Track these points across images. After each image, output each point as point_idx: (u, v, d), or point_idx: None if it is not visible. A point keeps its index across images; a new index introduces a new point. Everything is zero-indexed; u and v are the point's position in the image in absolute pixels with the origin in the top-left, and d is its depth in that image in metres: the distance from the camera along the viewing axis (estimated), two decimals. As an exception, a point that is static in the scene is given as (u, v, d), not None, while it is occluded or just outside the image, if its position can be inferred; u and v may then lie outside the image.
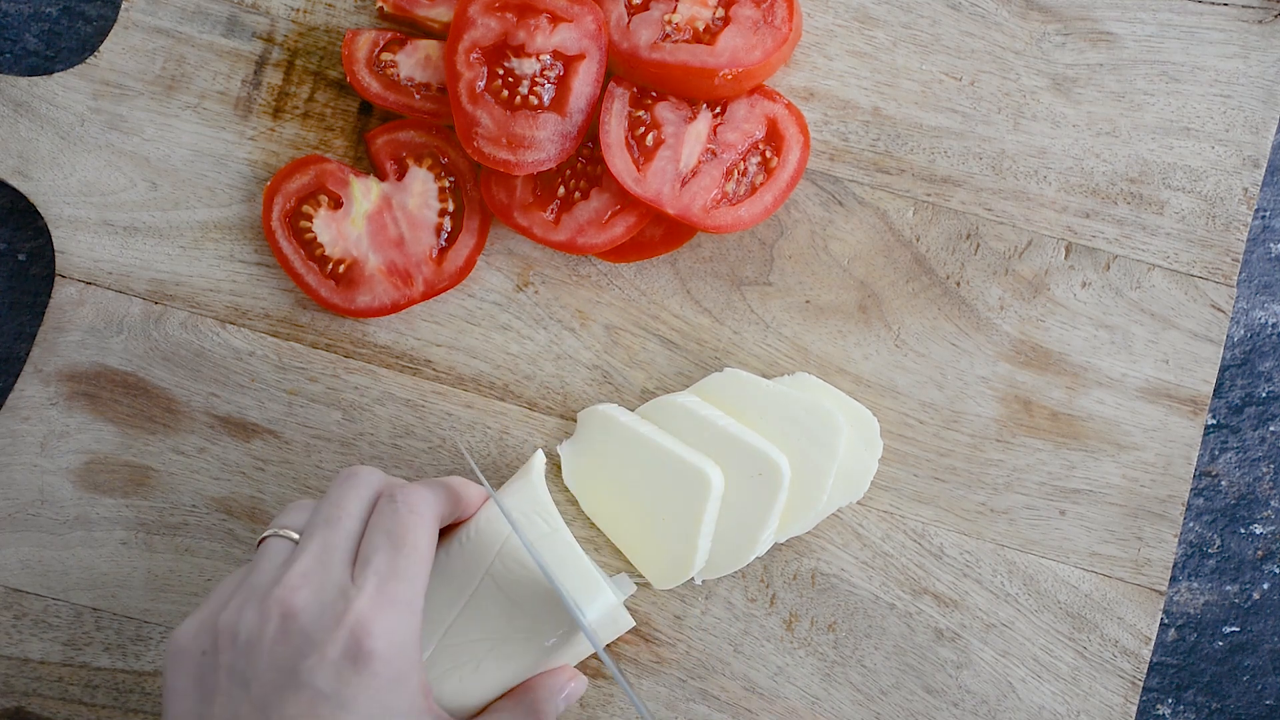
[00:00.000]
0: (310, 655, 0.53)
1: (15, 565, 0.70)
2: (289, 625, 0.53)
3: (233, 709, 0.53)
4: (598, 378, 0.71)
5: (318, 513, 0.58)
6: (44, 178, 0.72)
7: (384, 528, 0.57)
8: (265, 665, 0.53)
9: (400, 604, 0.55)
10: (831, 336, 0.71)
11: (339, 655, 0.53)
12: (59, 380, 0.71)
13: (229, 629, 0.54)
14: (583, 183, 0.71)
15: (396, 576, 0.55)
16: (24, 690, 0.69)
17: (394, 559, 0.55)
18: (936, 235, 0.72)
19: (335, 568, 0.55)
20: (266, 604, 0.54)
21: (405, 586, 0.55)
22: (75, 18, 0.78)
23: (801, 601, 0.70)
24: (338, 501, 0.58)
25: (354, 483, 0.59)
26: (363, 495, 0.59)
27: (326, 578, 0.55)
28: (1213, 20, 0.72)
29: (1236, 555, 0.74)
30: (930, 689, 0.69)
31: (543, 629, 0.61)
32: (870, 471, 0.69)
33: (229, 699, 0.53)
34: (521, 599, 0.61)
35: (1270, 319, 0.75)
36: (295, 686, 0.52)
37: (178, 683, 0.55)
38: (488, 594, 0.62)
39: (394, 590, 0.55)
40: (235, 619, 0.55)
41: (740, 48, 0.68)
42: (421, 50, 0.72)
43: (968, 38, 0.73)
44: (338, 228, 0.71)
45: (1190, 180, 0.72)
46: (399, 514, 0.57)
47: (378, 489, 0.59)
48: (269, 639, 0.53)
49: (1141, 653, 0.69)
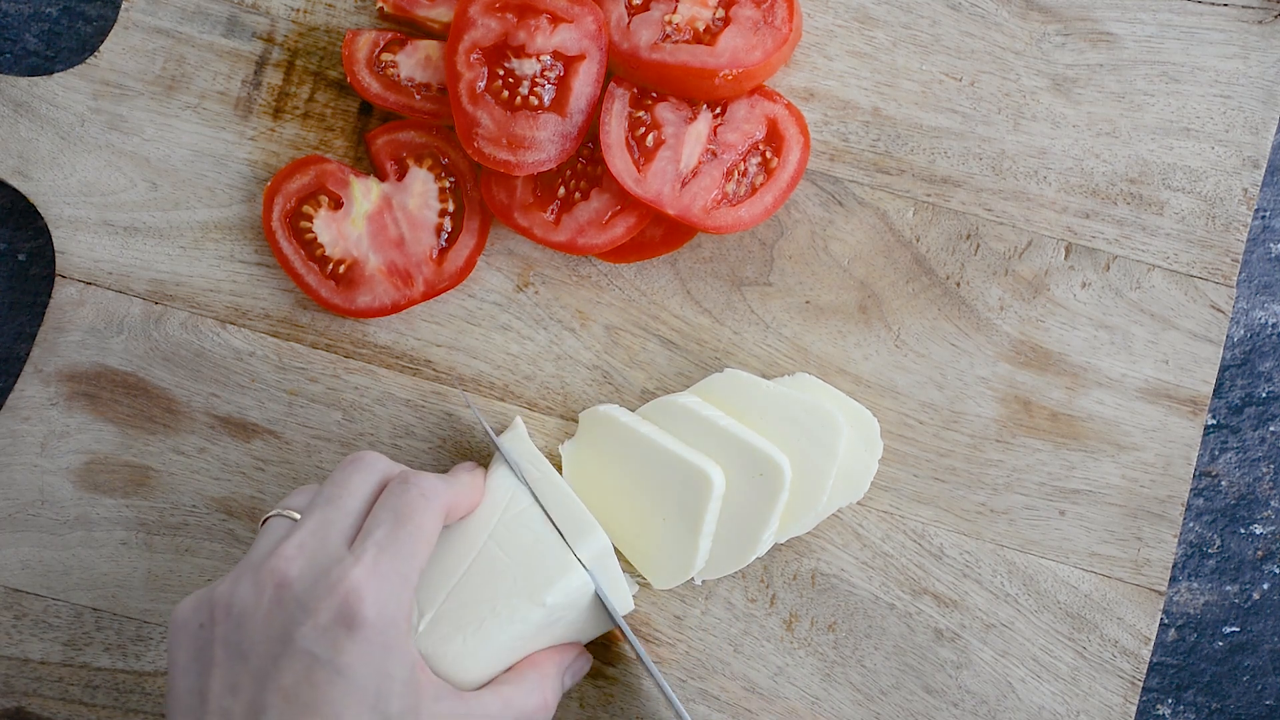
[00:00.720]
0: (304, 622, 0.53)
1: (15, 565, 0.70)
2: (282, 594, 0.54)
3: (231, 680, 0.54)
4: (598, 378, 0.71)
5: (320, 493, 0.58)
6: (44, 178, 0.72)
7: (391, 505, 0.57)
8: (260, 635, 0.53)
9: (394, 577, 0.55)
10: (831, 337, 0.71)
11: (331, 620, 0.53)
12: (59, 380, 0.71)
13: (224, 602, 0.55)
14: (583, 183, 0.71)
15: (395, 551, 0.55)
16: (24, 690, 0.69)
17: (395, 533, 0.56)
18: (936, 235, 0.72)
19: (332, 541, 0.56)
20: (260, 575, 0.55)
21: (402, 563, 0.55)
22: (75, 18, 0.78)
23: (801, 602, 0.70)
24: (341, 482, 0.59)
25: (359, 466, 0.60)
26: (367, 479, 0.59)
27: (322, 549, 0.55)
28: (1213, 20, 0.72)
29: (1236, 555, 0.74)
30: (930, 689, 0.69)
31: (542, 584, 0.62)
32: (870, 472, 0.69)
33: (226, 671, 0.54)
34: (523, 558, 0.62)
35: (1270, 319, 0.75)
36: (290, 654, 0.53)
37: (179, 657, 0.56)
38: (490, 556, 0.63)
39: (390, 563, 0.55)
40: (230, 591, 0.55)
41: (740, 48, 0.68)
42: (421, 50, 0.72)
43: (968, 38, 0.73)
44: (338, 228, 0.71)
45: (1190, 180, 0.72)
46: (409, 494, 0.58)
47: (384, 475, 0.60)
48: (263, 609, 0.54)
49: (1141, 653, 0.69)
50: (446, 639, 0.61)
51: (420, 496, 0.58)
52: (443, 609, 0.61)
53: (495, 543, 0.63)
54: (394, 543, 0.56)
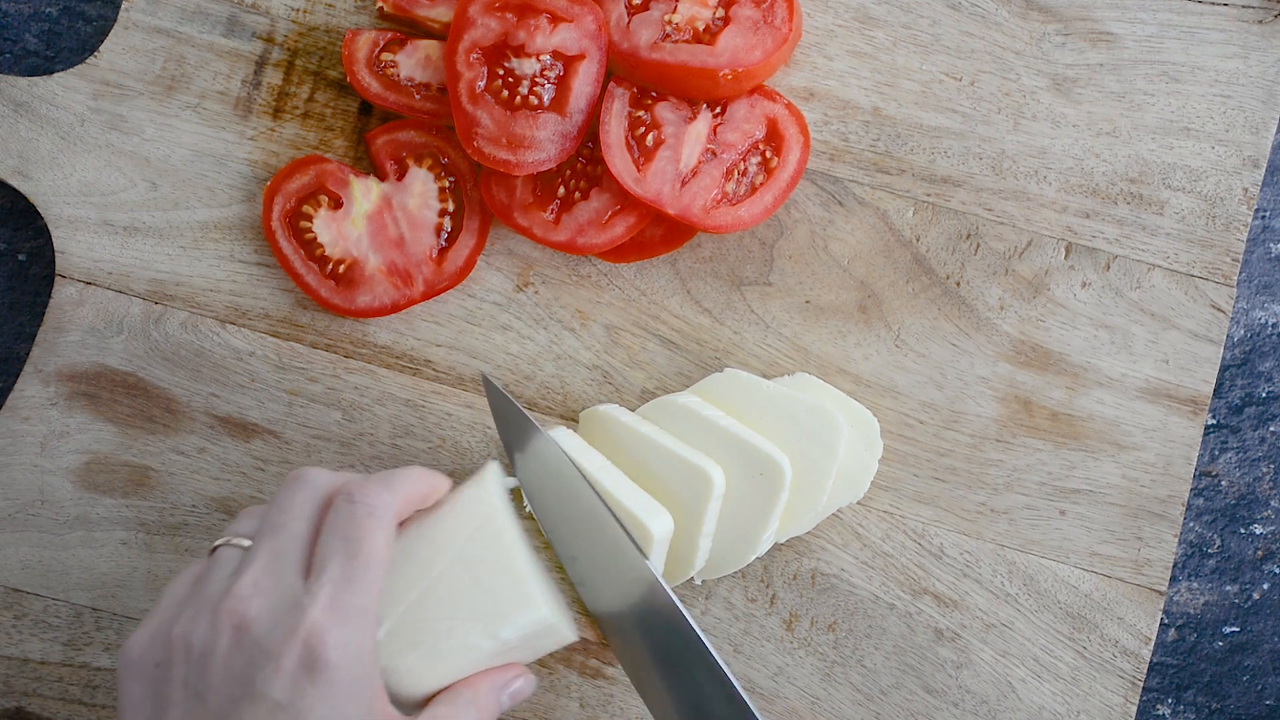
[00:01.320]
0: (265, 666, 0.52)
1: (15, 565, 0.70)
2: (242, 637, 0.53)
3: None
4: (598, 378, 0.71)
5: (266, 519, 0.57)
6: (44, 178, 0.72)
7: (340, 532, 0.55)
8: (220, 678, 0.53)
9: (355, 613, 0.54)
10: (831, 336, 0.71)
11: (294, 666, 0.52)
12: (59, 380, 0.71)
13: (182, 641, 0.54)
14: (583, 183, 0.71)
15: (352, 585, 0.54)
16: (24, 690, 0.69)
17: (349, 566, 0.54)
18: (936, 235, 0.72)
19: (286, 575, 0.55)
20: (218, 615, 0.54)
21: (360, 595, 0.54)
22: (75, 18, 0.78)
23: (801, 601, 0.70)
24: (285, 507, 0.57)
25: (299, 485, 0.58)
26: (310, 498, 0.57)
27: (278, 587, 0.54)
28: (1213, 20, 0.72)
29: (1236, 555, 0.74)
30: (930, 689, 0.69)
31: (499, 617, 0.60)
32: (870, 471, 0.69)
33: (185, 712, 0.53)
34: (486, 583, 0.61)
35: (1270, 319, 0.75)
36: (251, 698, 0.52)
37: (132, 695, 0.55)
38: (453, 575, 0.61)
39: (349, 599, 0.54)
40: (188, 631, 0.54)
41: (740, 48, 0.68)
42: (421, 50, 0.72)
43: (968, 38, 0.73)
44: (338, 228, 0.71)
45: (1190, 180, 0.72)
46: (355, 516, 0.56)
47: (327, 490, 0.58)
48: (222, 651, 0.53)
49: (1141, 653, 0.69)
50: (401, 653, 0.60)
51: (367, 516, 0.56)
52: (402, 620, 0.60)
53: (461, 562, 0.61)
54: (349, 578, 0.54)
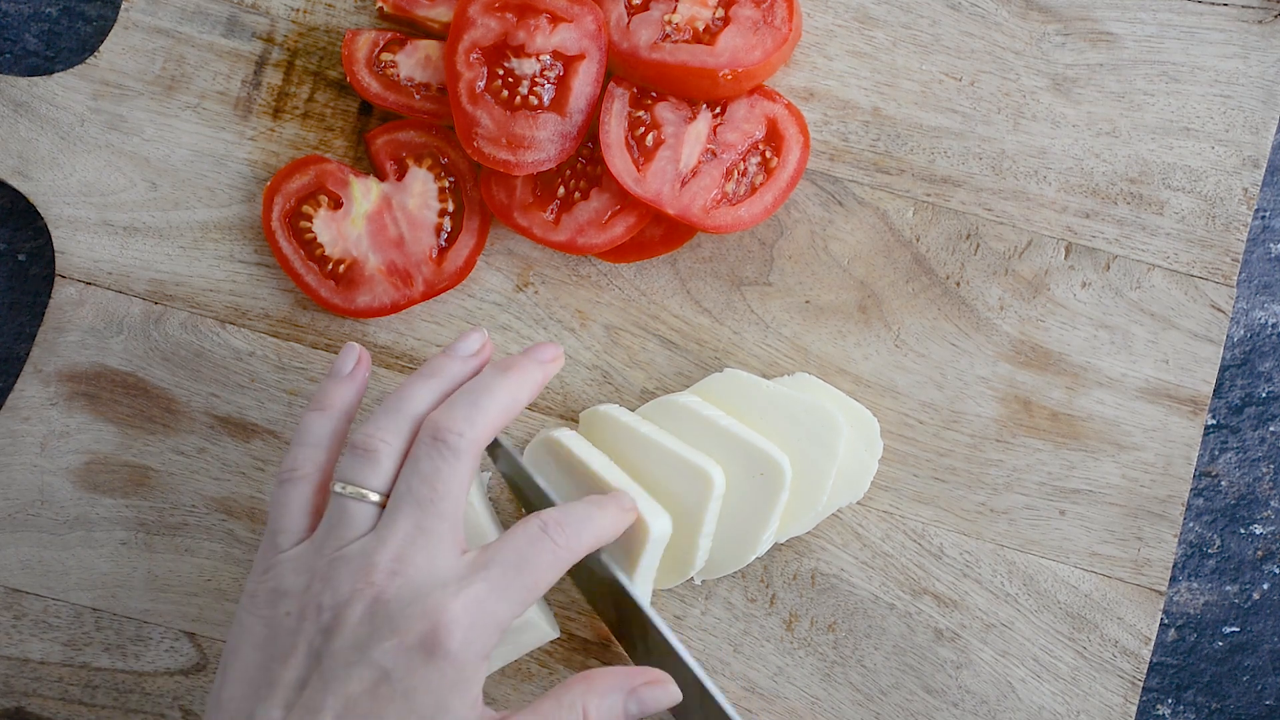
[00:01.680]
0: (388, 638, 0.53)
1: (15, 565, 0.70)
2: (375, 610, 0.53)
3: (301, 676, 0.53)
4: (598, 378, 0.71)
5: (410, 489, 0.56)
6: (44, 178, 0.72)
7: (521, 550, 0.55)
8: (341, 644, 0.53)
9: (491, 622, 0.54)
10: (831, 336, 0.71)
11: (415, 642, 0.52)
12: (59, 380, 0.71)
13: (316, 605, 0.54)
14: (583, 183, 0.71)
15: (507, 598, 0.54)
16: (24, 690, 0.69)
17: (513, 580, 0.54)
18: (936, 235, 0.72)
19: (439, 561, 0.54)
20: (357, 585, 0.54)
21: (506, 609, 0.54)
22: (75, 18, 0.78)
23: (801, 602, 0.70)
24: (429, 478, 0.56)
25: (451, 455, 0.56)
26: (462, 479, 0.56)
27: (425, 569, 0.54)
28: (1213, 20, 0.72)
29: (1236, 555, 0.74)
30: (930, 689, 0.69)
31: None
32: (870, 471, 0.69)
33: (300, 669, 0.54)
34: None
35: (1270, 319, 0.75)
36: (364, 663, 0.52)
37: (254, 628, 0.55)
38: None
39: (496, 606, 0.54)
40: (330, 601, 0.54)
41: (740, 48, 0.68)
42: (421, 50, 0.72)
43: (968, 38, 0.73)
44: (338, 228, 0.71)
45: (1190, 180, 0.72)
46: (556, 549, 0.56)
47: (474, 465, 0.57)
48: (353, 621, 0.53)
49: (1141, 653, 0.69)
50: None
51: (563, 549, 0.56)
52: None
53: None
54: (507, 590, 0.54)
